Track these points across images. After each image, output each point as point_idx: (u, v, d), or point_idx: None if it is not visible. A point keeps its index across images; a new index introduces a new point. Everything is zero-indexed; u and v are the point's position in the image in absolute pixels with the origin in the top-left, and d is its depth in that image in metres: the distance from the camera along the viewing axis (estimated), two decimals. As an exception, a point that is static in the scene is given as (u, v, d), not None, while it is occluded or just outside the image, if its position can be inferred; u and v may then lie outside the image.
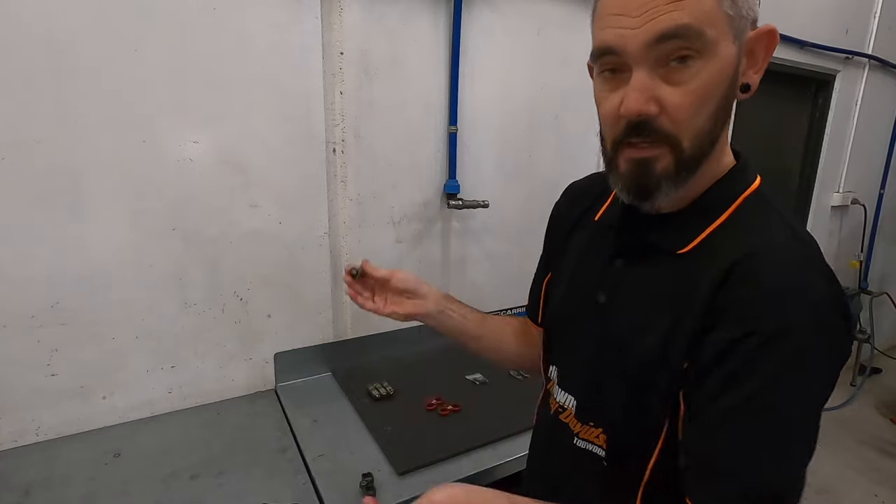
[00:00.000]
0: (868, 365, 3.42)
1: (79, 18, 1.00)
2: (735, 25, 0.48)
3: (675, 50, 0.47)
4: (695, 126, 0.50)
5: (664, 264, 0.56)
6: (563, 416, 0.67)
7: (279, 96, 1.23)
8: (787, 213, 0.54)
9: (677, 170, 0.51)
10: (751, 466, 0.47)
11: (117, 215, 1.10)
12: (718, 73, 0.48)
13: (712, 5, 0.46)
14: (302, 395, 1.32)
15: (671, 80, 0.48)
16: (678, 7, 0.45)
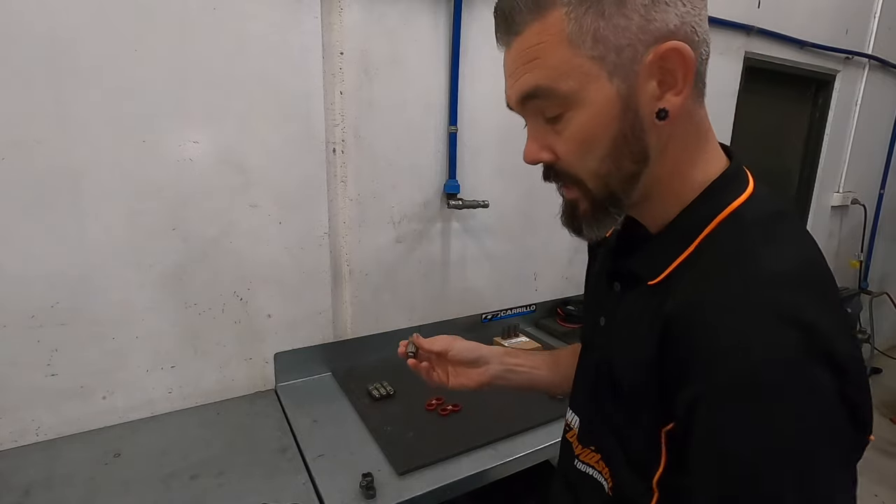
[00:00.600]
0: (868, 365, 3.42)
1: (79, 18, 1.00)
2: (609, 62, 0.44)
3: (540, 107, 0.48)
4: (589, 169, 0.49)
5: (642, 293, 0.52)
6: (569, 434, 0.66)
7: (279, 96, 1.23)
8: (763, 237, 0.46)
9: (594, 210, 0.51)
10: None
11: (117, 215, 1.10)
12: (593, 118, 0.46)
13: (565, 58, 0.44)
14: (302, 395, 1.32)
15: (555, 129, 0.49)
16: (530, 69, 0.46)
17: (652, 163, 0.48)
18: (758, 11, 2.19)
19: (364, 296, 1.48)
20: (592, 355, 0.62)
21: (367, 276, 1.48)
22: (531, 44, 0.46)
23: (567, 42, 0.44)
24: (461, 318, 1.67)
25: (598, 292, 0.63)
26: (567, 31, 0.44)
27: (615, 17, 0.43)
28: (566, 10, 0.44)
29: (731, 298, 0.42)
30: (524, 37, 0.47)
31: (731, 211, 0.48)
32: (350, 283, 1.45)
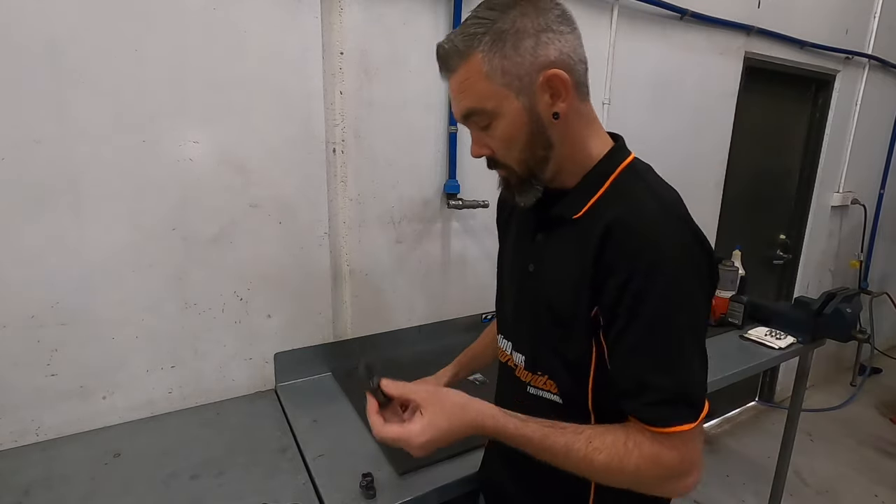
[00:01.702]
0: (868, 365, 3.42)
1: (79, 18, 1.00)
2: (514, 86, 0.65)
3: (477, 121, 0.69)
4: (514, 158, 0.70)
5: (566, 229, 0.71)
6: (517, 372, 0.81)
7: (279, 96, 1.23)
8: (653, 179, 0.71)
9: (521, 184, 0.72)
10: (661, 376, 0.62)
11: (117, 215, 1.10)
12: (511, 124, 0.67)
13: (485, 87, 0.65)
14: (302, 395, 1.32)
15: (488, 134, 0.69)
16: (464, 96, 0.67)
17: (557, 147, 0.69)
18: (758, 11, 2.19)
19: (364, 296, 1.48)
20: (525, 298, 0.78)
21: (367, 276, 1.48)
22: (462, 79, 0.66)
23: (485, 77, 0.65)
24: (461, 318, 1.67)
25: (521, 247, 0.81)
26: (484, 70, 0.65)
27: (513, 56, 0.64)
28: (482, 55, 0.64)
29: (647, 212, 0.64)
30: (457, 74, 0.67)
31: (626, 164, 0.71)
32: (350, 283, 1.45)
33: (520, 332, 0.81)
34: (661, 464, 0.64)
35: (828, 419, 2.97)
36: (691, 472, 0.65)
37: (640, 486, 0.67)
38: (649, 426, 0.63)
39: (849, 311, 1.66)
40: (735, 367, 1.51)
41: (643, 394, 0.63)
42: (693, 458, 0.65)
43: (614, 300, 0.63)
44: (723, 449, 2.72)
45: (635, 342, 0.63)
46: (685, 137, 2.15)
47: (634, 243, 0.63)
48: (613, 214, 0.65)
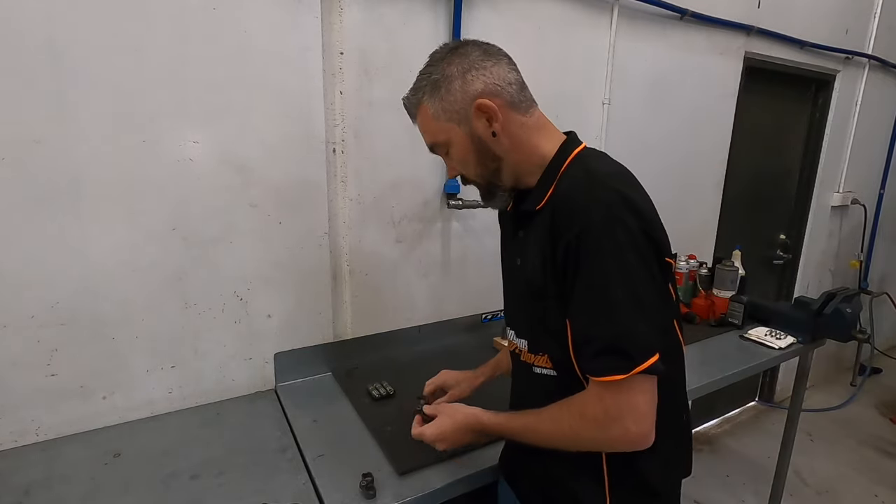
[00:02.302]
0: (868, 365, 3.42)
1: (79, 18, 1.01)
2: (455, 119, 0.80)
3: (439, 152, 0.87)
4: (472, 173, 0.85)
5: (534, 221, 0.81)
6: (522, 357, 0.89)
7: (279, 96, 1.23)
8: (594, 160, 0.80)
9: (486, 192, 0.88)
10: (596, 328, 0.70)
11: (117, 215, 1.10)
12: (461, 147, 0.82)
13: (434, 125, 0.82)
14: (302, 395, 1.32)
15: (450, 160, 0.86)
16: (425, 135, 0.86)
17: (506, 158, 0.82)
18: (758, 11, 2.19)
19: (364, 296, 1.48)
20: (517, 289, 0.88)
21: (367, 276, 1.48)
22: (421, 122, 0.85)
23: (432, 118, 0.82)
24: (461, 318, 1.67)
25: (508, 245, 0.93)
26: (431, 112, 0.82)
27: (447, 97, 0.80)
28: (427, 102, 0.82)
29: (579, 185, 0.75)
30: (417, 120, 0.85)
31: (574, 155, 0.81)
32: (350, 283, 1.45)
33: (518, 319, 0.90)
34: (586, 416, 0.72)
35: (828, 419, 2.97)
36: (619, 421, 0.70)
37: (582, 443, 0.75)
38: (592, 377, 0.71)
39: (849, 311, 1.66)
40: (735, 367, 1.51)
41: (586, 347, 0.72)
42: (621, 407, 0.70)
43: (562, 267, 0.73)
44: (723, 449, 2.72)
45: (578, 300, 0.72)
46: (685, 137, 2.16)
47: (569, 213, 0.72)
48: (561, 194, 0.76)
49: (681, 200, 2.22)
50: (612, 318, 0.69)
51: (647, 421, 0.70)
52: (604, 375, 0.69)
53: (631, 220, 0.69)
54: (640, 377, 0.68)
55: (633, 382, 0.68)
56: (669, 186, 2.15)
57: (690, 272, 2.00)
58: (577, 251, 0.70)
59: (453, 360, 1.46)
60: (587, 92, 1.79)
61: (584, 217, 0.70)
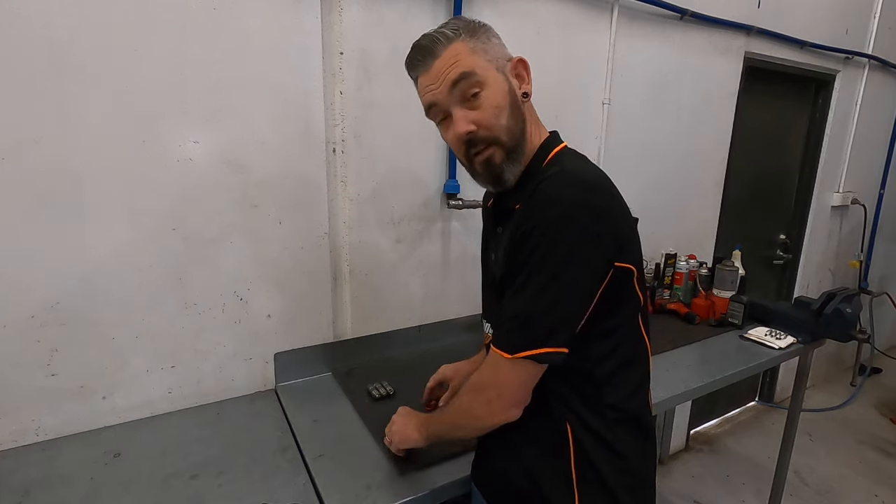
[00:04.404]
0: (868, 365, 3.42)
1: (79, 18, 1.01)
2: (493, 64, 0.78)
3: (467, 88, 0.76)
4: (502, 127, 0.77)
5: (512, 219, 0.80)
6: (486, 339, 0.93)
7: (279, 96, 1.23)
8: (569, 160, 0.80)
9: (508, 155, 0.79)
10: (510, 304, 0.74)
11: (117, 215, 1.10)
12: (497, 93, 0.77)
13: (474, 59, 0.76)
14: (302, 395, 1.32)
15: (475, 107, 0.77)
16: (455, 67, 0.75)
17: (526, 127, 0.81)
18: (758, 11, 2.19)
19: (364, 296, 1.48)
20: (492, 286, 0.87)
21: (367, 276, 1.48)
22: (450, 55, 0.76)
23: (471, 52, 0.76)
24: (461, 318, 1.67)
25: (490, 240, 0.92)
26: (470, 47, 0.76)
27: (487, 44, 0.78)
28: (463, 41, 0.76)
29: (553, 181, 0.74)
30: (442, 56, 0.76)
31: (553, 155, 0.82)
32: (350, 283, 1.45)
33: (492, 312, 0.91)
34: (471, 386, 0.79)
35: (828, 419, 2.97)
36: (485, 390, 0.76)
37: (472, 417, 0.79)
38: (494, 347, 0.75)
39: (849, 311, 1.66)
40: (735, 367, 1.51)
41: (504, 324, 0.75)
42: (494, 378, 0.75)
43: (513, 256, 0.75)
44: (723, 449, 2.72)
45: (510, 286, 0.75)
46: (685, 137, 2.15)
47: (534, 207, 0.74)
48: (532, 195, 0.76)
49: (681, 200, 2.22)
50: (527, 299, 0.71)
51: (512, 399, 0.75)
52: (496, 347, 0.74)
53: (585, 221, 0.70)
54: (524, 361, 0.72)
55: (515, 363, 0.72)
56: (669, 186, 2.15)
57: (690, 272, 2.00)
58: (525, 240, 0.72)
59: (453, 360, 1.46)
60: (587, 92, 1.79)
61: (543, 212, 0.71)
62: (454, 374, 1.17)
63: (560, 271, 0.70)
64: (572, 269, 0.70)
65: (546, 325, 0.71)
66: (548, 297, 0.70)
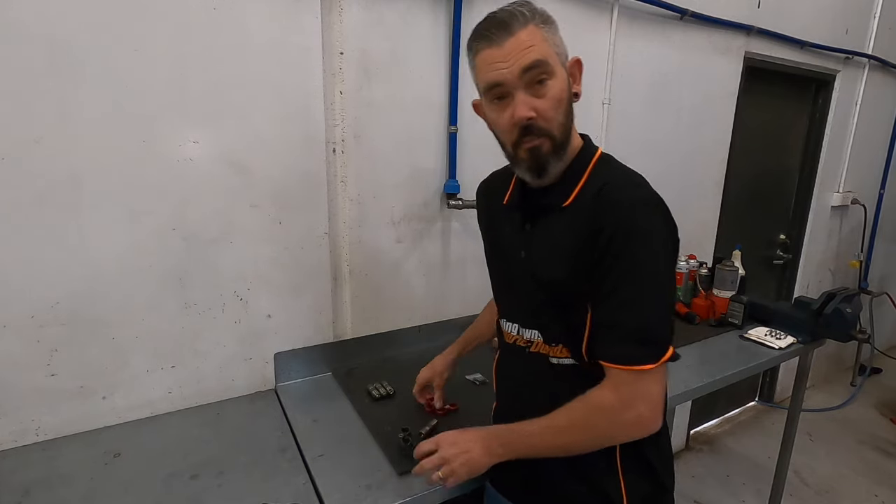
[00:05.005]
0: (868, 365, 3.42)
1: (79, 18, 1.00)
2: (560, 58, 0.78)
3: (536, 75, 0.75)
4: (557, 120, 0.78)
5: (555, 218, 0.82)
6: (533, 347, 0.88)
7: (279, 96, 1.23)
8: (620, 165, 0.85)
9: (555, 150, 0.79)
10: (630, 317, 0.74)
11: (117, 215, 1.10)
12: (560, 87, 0.77)
13: (547, 47, 0.75)
14: (302, 395, 1.32)
15: (538, 94, 0.76)
16: (530, 51, 0.74)
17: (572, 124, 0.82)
18: (758, 11, 2.19)
19: (364, 296, 1.48)
20: (524, 282, 0.86)
21: (367, 276, 1.48)
22: (526, 37, 0.74)
23: (544, 40, 0.76)
24: (461, 318, 1.67)
25: (512, 239, 0.89)
26: (543, 35, 0.76)
27: (555, 36, 0.78)
28: (537, 26, 0.75)
29: (618, 189, 0.78)
30: (518, 35, 0.74)
31: (598, 157, 0.85)
32: (350, 283, 1.45)
33: (526, 312, 0.89)
34: (604, 405, 0.76)
35: (828, 419, 2.97)
36: (634, 407, 0.74)
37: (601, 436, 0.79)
38: (614, 364, 0.75)
39: (849, 311, 1.66)
40: (735, 367, 1.51)
41: (609, 332, 0.76)
42: (637, 394, 0.75)
43: (598, 260, 0.75)
44: (723, 449, 2.72)
45: (608, 292, 0.75)
46: (685, 137, 2.15)
47: (613, 212, 0.75)
48: (598, 196, 0.78)
49: (681, 200, 2.22)
50: (645, 309, 0.74)
51: (660, 407, 0.77)
52: (630, 364, 0.73)
53: (666, 226, 0.77)
54: (662, 367, 0.74)
55: (654, 371, 0.73)
56: (669, 186, 2.13)
57: (690, 272, 2.00)
58: (618, 251, 0.74)
59: (453, 360, 1.46)
60: (587, 92, 1.78)
61: (629, 221, 0.74)
62: (432, 373, 1.19)
63: (665, 280, 0.76)
64: (671, 276, 0.79)
65: (667, 329, 0.76)
66: (662, 305, 0.76)
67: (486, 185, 1.05)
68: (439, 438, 0.86)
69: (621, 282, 0.74)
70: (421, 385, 1.20)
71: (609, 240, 0.74)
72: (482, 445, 0.82)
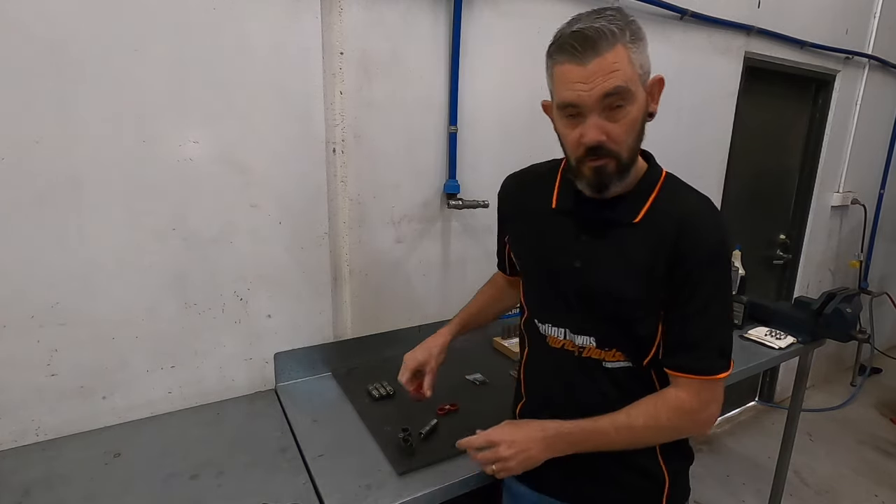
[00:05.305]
0: (868, 365, 3.42)
1: (79, 18, 1.00)
2: (642, 79, 0.76)
3: (614, 101, 0.73)
4: (627, 145, 0.77)
5: (623, 233, 0.83)
6: (586, 352, 0.88)
7: (279, 96, 1.23)
8: (690, 188, 0.88)
9: (619, 171, 0.78)
10: (714, 335, 0.82)
11: (117, 215, 1.10)
12: (637, 110, 0.76)
13: (632, 70, 0.73)
14: (302, 395, 1.32)
15: (612, 119, 0.74)
16: (614, 76, 0.71)
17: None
18: (758, 11, 2.19)
19: (364, 296, 1.48)
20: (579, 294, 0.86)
21: (367, 276, 1.48)
22: (613, 60, 0.71)
23: (630, 62, 0.72)
24: (461, 318, 1.67)
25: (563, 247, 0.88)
26: (630, 57, 0.72)
27: (642, 55, 0.75)
28: (625, 45, 0.72)
29: (703, 213, 0.83)
30: (605, 56, 0.71)
31: (665, 176, 0.87)
32: (350, 283, 1.45)
33: (578, 319, 0.89)
34: (684, 408, 0.82)
35: (828, 419, 2.97)
36: (708, 408, 0.83)
37: (676, 434, 0.86)
38: (699, 376, 0.81)
39: (849, 311, 1.66)
40: (735, 367, 1.50)
41: (696, 349, 0.82)
42: (713, 398, 0.83)
43: (681, 281, 0.80)
44: (723, 449, 2.72)
45: (693, 312, 0.81)
46: (685, 137, 2.15)
47: (698, 237, 0.79)
48: (677, 216, 0.81)
49: (681, 200, 2.22)
50: (723, 327, 0.83)
51: (721, 405, 0.86)
52: (712, 374, 0.81)
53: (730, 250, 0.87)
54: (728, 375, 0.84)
55: (723, 381, 0.83)
56: (669, 186, 2.15)
57: (690, 272, 2.00)
58: (700, 273, 0.79)
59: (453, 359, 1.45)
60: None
61: (711, 244, 0.80)
62: (427, 356, 1.08)
63: (731, 300, 0.87)
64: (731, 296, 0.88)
65: (731, 346, 0.85)
66: (729, 323, 0.85)
67: (520, 182, 1.01)
68: (494, 437, 0.85)
69: (708, 304, 0.80)
70: (412, 369, 1.06)
71: (697, 264, 0.79)
72: (544, 445, 0.83)
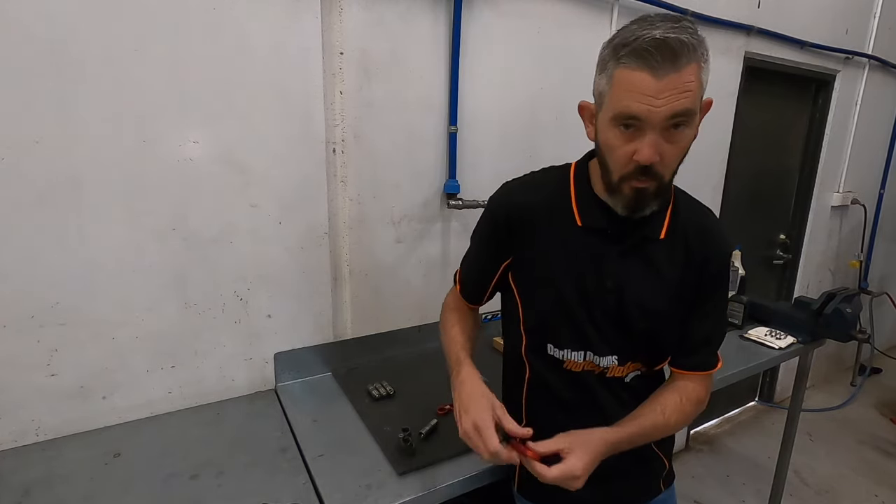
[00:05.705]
0: (868, 365, 3.42)
1: (79, 18, 1.00)
2: (700, 101, 0.71)
3: (678, 122, 0.69)
4: (673, 169, 0.75)
5: (654, 249, 0.84)
6: (609, 372, 0.88)
7: (279, 96, 1.23)
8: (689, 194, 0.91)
9: (658, 193, 0.76)
10: (720, 331, 0.93)
11: (117, 215, 1.10)
12: (692, 134, 0.72)
13: (699, 91, 0.70)
14: (302, 395, 1.32)
15: (669, 139, 0.70)
16: (685, 97, 0.67)
17: None
18: (758, 11, 2.19)
19: (364, 296, 1.48)
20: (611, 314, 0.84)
21: (367, 276, 1.48)
22: (687, 79, 0.67)
23: (700, 84, 0.69)
24: (461, 318, 1.67)
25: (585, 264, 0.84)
26: (700, 77, 0.69)
27: (707, 74, 0.70)
28: (699, 64, 0.68)
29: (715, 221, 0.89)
30: (682, 73, 0.66)
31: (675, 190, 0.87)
32: (350, 283, 1.45)
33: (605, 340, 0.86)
34: (701, 400, 0.91)
35: (828, 419, 2.97)
36: (709, 396, 0.93)
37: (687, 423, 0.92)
38: (701, 371, 0.90)
39: (849, 311, 1.66)
40: (735, 367, 1.51)
41: (705, 348, 0.89)
42: (710, 389, 0.94)
43: (704, 286, 0.86)
44: (723, 449, 2.72)
45: (707, 313, 0.88)
46: (685, 137, 2.15)
47: (714, 245, 0.85)
48: (694, 226, 0.85)
49: (681, 200, 2.22)
50: (722, 327, 0.93)
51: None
52: (715, 368, 0.90)
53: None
54: None
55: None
56: (669, 186, 2.15)
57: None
58: (715, 277, 0.86)
59: (453, 360, 1.45)
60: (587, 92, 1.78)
61: (723, 250, 0.86)
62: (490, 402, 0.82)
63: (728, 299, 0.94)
64: None
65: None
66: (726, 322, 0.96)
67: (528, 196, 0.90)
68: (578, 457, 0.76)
69: (717, 303, 0.89)
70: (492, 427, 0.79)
71: (717, 268, 0.86)
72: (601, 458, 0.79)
